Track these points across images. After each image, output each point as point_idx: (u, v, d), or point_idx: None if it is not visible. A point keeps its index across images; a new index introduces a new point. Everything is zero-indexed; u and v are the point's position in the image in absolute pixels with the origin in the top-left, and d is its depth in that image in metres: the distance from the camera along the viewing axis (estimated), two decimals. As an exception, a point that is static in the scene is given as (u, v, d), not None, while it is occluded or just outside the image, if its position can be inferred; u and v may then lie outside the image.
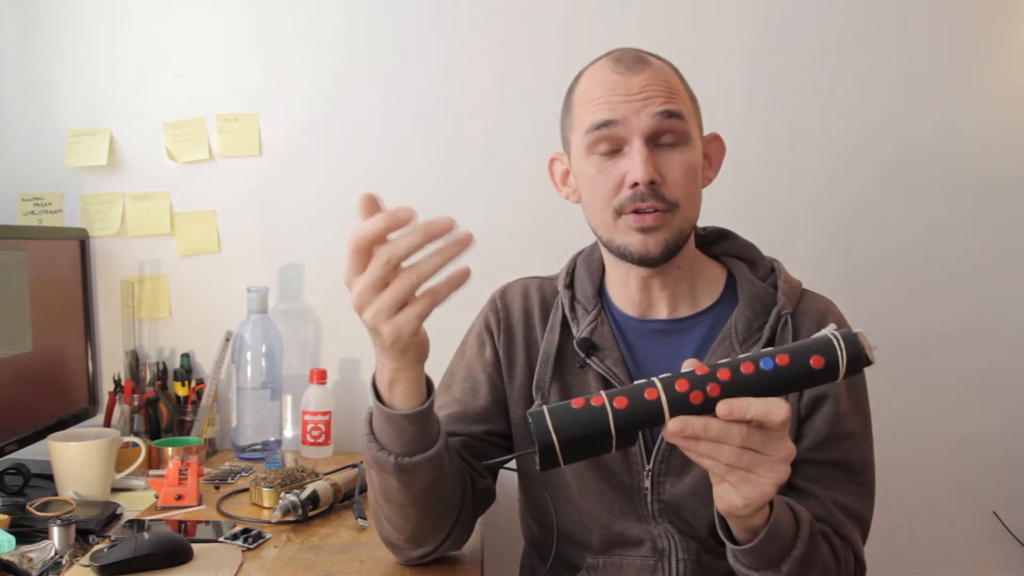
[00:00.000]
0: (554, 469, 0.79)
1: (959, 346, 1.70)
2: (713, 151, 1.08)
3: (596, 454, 0.79)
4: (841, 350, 0.76)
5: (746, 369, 0.76)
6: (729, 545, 0.87)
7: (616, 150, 0.99)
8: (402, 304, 0.79)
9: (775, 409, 0.74)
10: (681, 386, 0.76)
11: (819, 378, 0.77)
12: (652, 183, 0.97)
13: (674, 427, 0.75)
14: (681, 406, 0.76)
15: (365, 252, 0.78)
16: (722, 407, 0.74)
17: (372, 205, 0.78)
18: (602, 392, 0.78)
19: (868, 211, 1.70)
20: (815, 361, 0.76)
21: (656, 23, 1.68)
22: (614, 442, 0.77)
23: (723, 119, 1.65)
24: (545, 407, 0.78)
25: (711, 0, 1.68)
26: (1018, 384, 1.71)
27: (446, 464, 0.95)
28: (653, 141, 0.98)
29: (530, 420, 0.78)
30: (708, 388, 0.76)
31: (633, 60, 1.01)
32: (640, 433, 0.79)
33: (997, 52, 1.69)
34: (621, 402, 0.77)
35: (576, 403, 0.78)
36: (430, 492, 0.94)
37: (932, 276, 1.70)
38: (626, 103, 0.98)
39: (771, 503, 0.84)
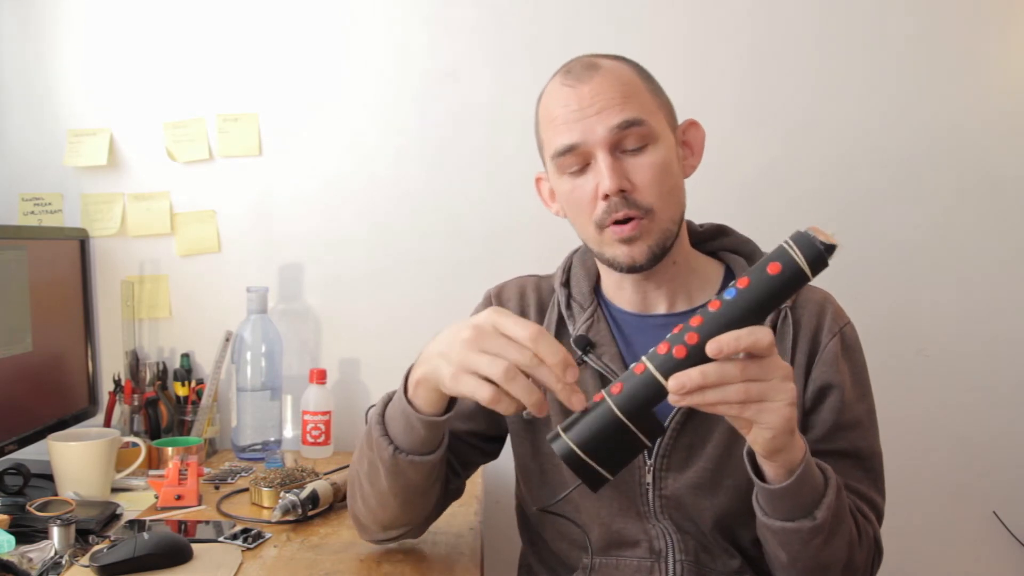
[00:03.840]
0: (606, 484, 0.81)
1: (959, 346, 1.71)
2: (692, 137, 1.08)
3: (633, 451, 0.80)
4: (793, 248, 0.76)
5: (714, 307, 0.77)
6: (768, 491, 0.87)
7: (584, 165, 1.00)
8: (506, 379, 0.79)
9: (759, 333, 0.76)
10: (662, 349, 0.78)
11: (788, 285, 0.77)
12: (623, 191, 0.98)
13: (673, 386, 0.76)
14: (671, 367, 0.77)
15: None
16: (711, 347, 0.75)
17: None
18: (601, 391, 0.80)
19: (868, 210, 1.70)
20: (772, 268, 0.76)
21: (658, 21, 1.68)
22: (637, 432, 0.78)
23: (726, 116, 1.67)
24: (559, 427, 0.80)
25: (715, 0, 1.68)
26: (1018, 384, 1.71)
27: (438, 470, 0.96)
28: (617, 148, 0.99)
29: (552, 447, 0.80)
30: (687, 338, 0.77)
31: (582, 69, 1.01)
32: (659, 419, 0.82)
33: (997, 51, 1.69)
34: (617, 388, 0.79)
35: (582, 408, 0.80)
36: (414, 490, 0.95)
37: (932, 276, 1.70)
38: (582, 120, 0.98)
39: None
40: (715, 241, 1.14)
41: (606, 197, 0.98)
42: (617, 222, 0.98)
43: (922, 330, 1.71)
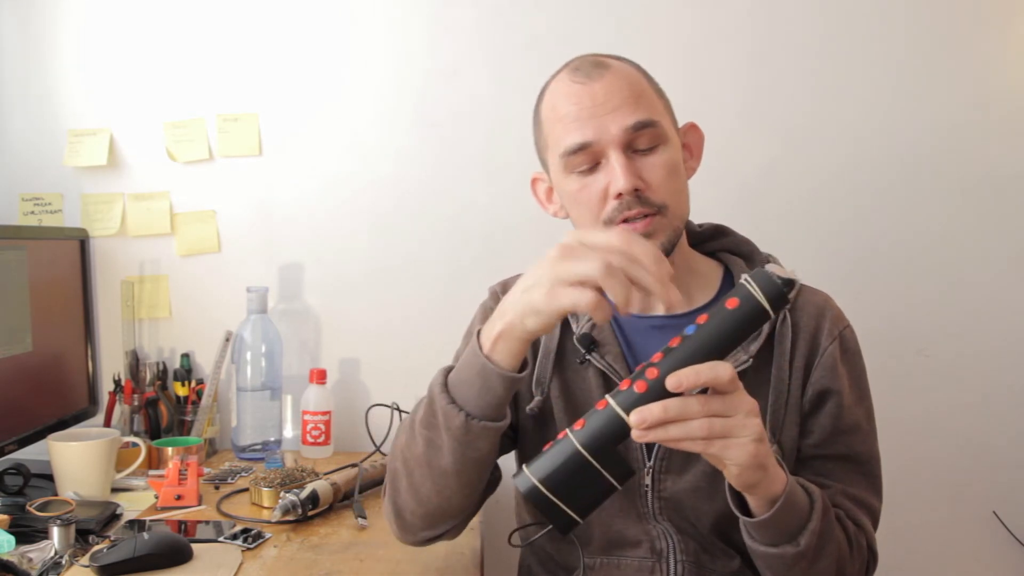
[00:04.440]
0: (576, 527, 0.80)
1: (959, 346, 1.70)
2: (692, 140, 1.08)
3: (599, 491, 0.80)
4: (751, 284, 0.77)
5: (674, 342, 0.78)
6: (748, 522, 0.87)
7: (595, 164, 0.99)
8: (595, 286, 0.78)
9: (720, 368, 0.76)
10: (624, 385, 0.79)
11: (748, 320, 0.77)
12: (636, 190, 0.97)
13: (635, 420, 0.76)
14: (632, 402, 0.77)
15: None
16: (670, 381, 0.76)
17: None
18: (565, 429, 0.80)
19: (869, 211, 1.70)
20: (731, 304, 0.77)
21: (659, 23, 1.68)
22: (600, 468, 0.78)
23: (726, 117, 1.67)
24: (524, 465, 0.81)
25: (715, 0, 1.68)
26: (1018, 384, 1.71)
27: (498, 445, 0.95)
28: (630, 148, 0.98)
29: (515, 483, 0.80)
30: (647, 373, 0.77)
31: (592, 66, 1.00)
32: (635, 454, 0.81)
33: (997, 51, 1.69)
34: (579, 424, 0.79)
35: (546, 446, 0.81)
36: (477, 465, 0.92)
37: (933, 276, 1.70)
38: (594, 118, 0.97)
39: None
40: (714, 241, 1.14)
41: (619, 196, 0.97)
42: (627, 220, 0.98)
43: (922, 330, 1.71)
